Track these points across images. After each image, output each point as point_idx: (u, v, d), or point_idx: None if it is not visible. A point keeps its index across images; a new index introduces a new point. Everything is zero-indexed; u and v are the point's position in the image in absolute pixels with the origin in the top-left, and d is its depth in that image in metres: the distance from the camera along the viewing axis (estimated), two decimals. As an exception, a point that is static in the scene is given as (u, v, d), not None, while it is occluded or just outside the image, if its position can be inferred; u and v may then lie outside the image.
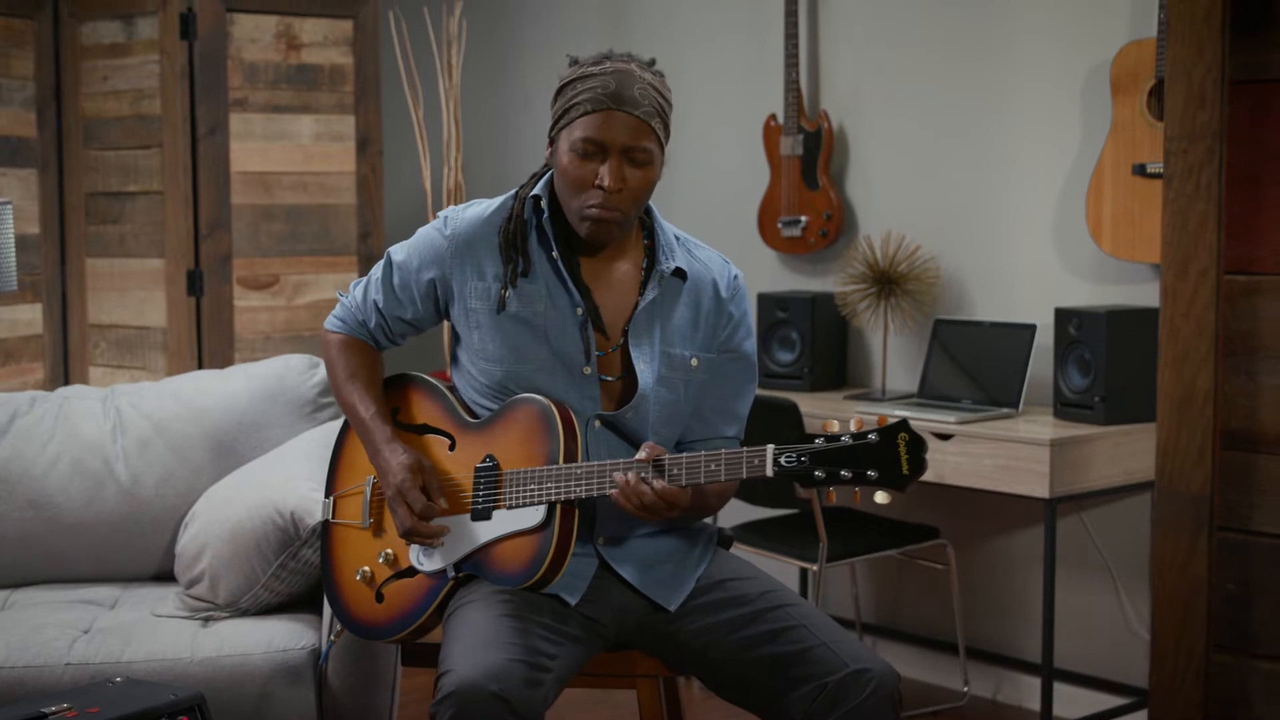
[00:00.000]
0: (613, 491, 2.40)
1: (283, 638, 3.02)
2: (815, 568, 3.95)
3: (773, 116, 4.69)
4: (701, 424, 2.66)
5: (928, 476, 3.92)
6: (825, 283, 4.67)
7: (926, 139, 4.48)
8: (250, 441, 3.52)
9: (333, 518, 2.72)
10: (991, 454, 3.79)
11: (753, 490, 4.17)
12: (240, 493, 3.24)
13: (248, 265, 4.86)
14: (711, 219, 4.97)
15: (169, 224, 4.79)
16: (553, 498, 2.44)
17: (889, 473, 2.27)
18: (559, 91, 2.54)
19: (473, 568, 2.52)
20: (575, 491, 2.43)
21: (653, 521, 2.50)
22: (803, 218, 4.65)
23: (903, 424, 2.28)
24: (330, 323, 2.77)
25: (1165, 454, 2.14)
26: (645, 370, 2.56)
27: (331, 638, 2.91)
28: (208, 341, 4.82)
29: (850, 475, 2.29)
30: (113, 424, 3.52)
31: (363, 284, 2.74)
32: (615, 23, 5.27)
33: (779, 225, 4.69)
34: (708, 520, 2.75)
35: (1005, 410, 4.01)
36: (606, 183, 2.45)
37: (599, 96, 2.46)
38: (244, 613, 3.15)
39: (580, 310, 2.55)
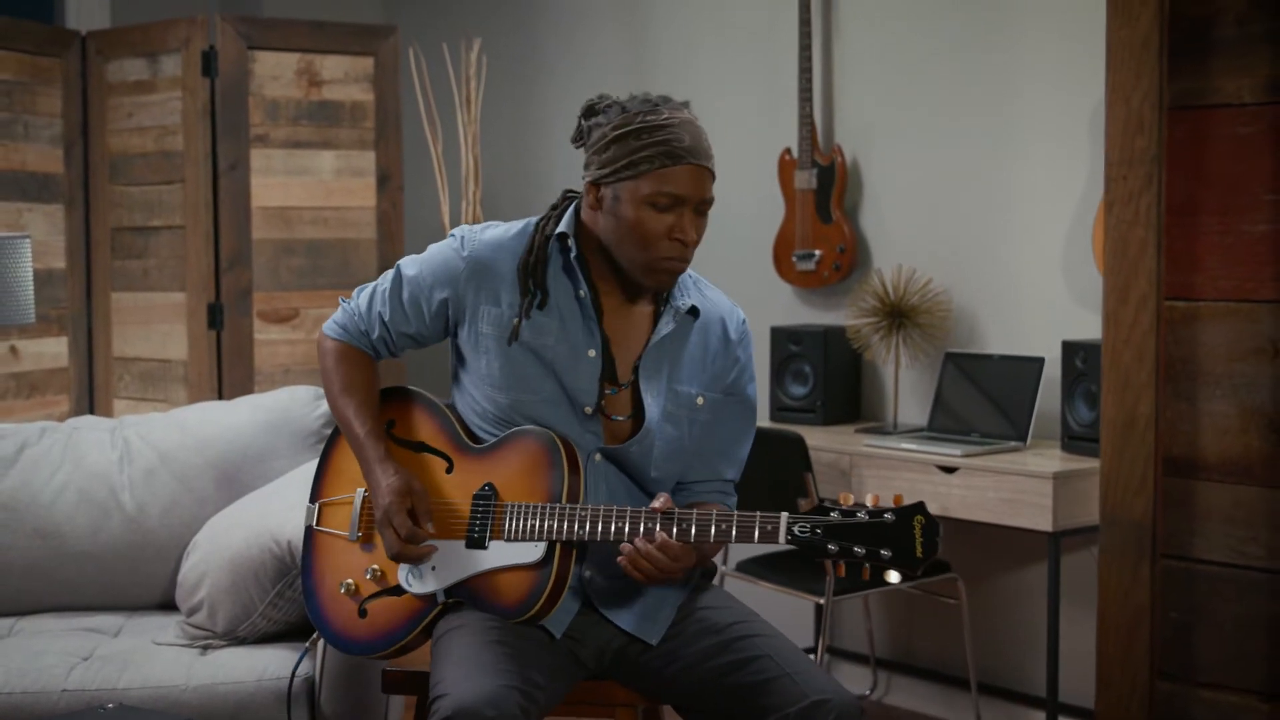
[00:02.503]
0: (621, 560, 2.41)
1: (277, 666, 3.04)
2: (822, 601, 3.95)
3: (788, 150, 4.71)
4: (704, 464, 2.66)
5: (933, 509, 3.90)
6: (839, 316, 4.67)
7: (938, 173, 4.49)
8: (255, 471, 3.55)
9: (317, 524, 2.71)
10: (996, 487, 3.78)
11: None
12: (240, 522, 3.27)
13: (268, 299, 4.92)
14: (728, 253, 4.99)
15: (190, 258, 4.85)
16: (554, 536, 2.45)
17: (902, 554, 2.30)
18: (617, 139, 2.48)
19: (463, 595, 2.53)
20: (578, 533, 2.44)
21: (657, 583, 2.47)
22: (816, 251, 4.66)
23: (919, 506, 2.32)
24: (330, 328, 2.74)
25: (1108, 480, 2.14)
26: (652, 406, 2.56)
27: (307, 645, 2.93)
28: (228, 374, 4.88)
29: (863, 552, 2.31)
30: (120, 454, 3.56)
31: (368, 292, 2.71)
32: (635, 58, 5.31)
33: (793, 259, 4.71)
34: None
35: (1013, 443, 4.00)
36: (690, 237, 2.47)
37: (676, 150, 2.44)
38: (242, 641, 3.18)
39: (593, 353, 2.56)
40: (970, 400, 4.19)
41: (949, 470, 3.88)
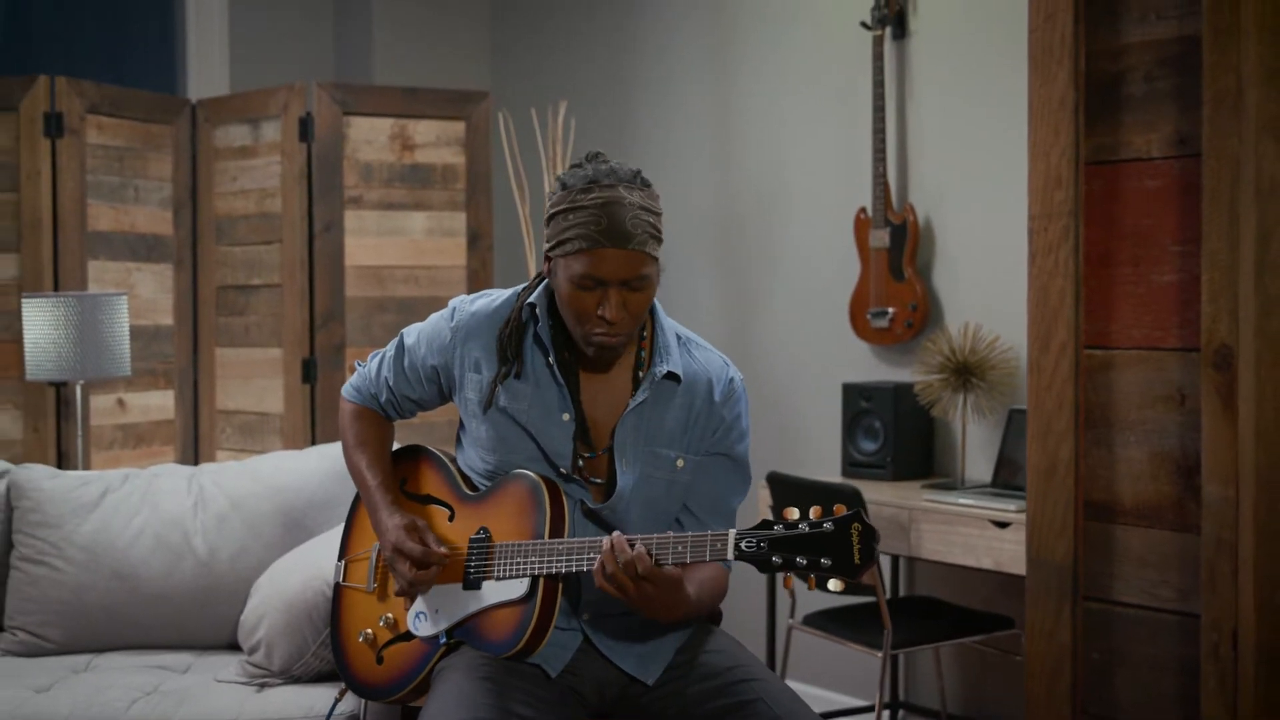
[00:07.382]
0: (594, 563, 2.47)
1: (324, 703, 3.18)
2: (880, 654, 3.98)
3: (863, 209, 4.78)
4: (694, 522, 2.72)
5: (987, 564, 3.94)
6: (913, 373, 4.71)
7: (1008, 230, 4.51)
8: (320, 518, 3.71)
9: (343, 580, 2.87)
10: (1047, 542, 3.79)
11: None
12: (299, 566, 3.42)
13: (360, 354, 5.09)
14: (807, 310, 5.07)
15: (287, 315, 5.05)
16: (536, 571, 2.56)
17: (841, 562, 2.35)
18: (550, 218, 2.56)
19: (463, 635, 2.65)
20: (557, 566, 2.54)
21: (635, 603, 2.47)
22: (890, 309, 4.71)
23: (856, 515, 2.36)
24: (347, 391, 2.93)
25: (1033, 524, 2.18)
26: (626, 473, 2.64)
27: (336, 695, 3.06)
28: (321, 427, 5.06)
29: (805, 563, 2.37)
30: (194, 500, 3.74)
31: (379, 358, 2.88)
32: (720, 119, 5.42)
33: (868, 316, 4.77)
34: None
35: (1071, 500, 4.00)
36: (609, 315, 2.50)
37: (592, 234, 2.47)
38: (296, 679, 3.32)
39: (568, 416, 2.65)
40: (1034, 456, 4.21)
41: (1002, 525, 3.90)
